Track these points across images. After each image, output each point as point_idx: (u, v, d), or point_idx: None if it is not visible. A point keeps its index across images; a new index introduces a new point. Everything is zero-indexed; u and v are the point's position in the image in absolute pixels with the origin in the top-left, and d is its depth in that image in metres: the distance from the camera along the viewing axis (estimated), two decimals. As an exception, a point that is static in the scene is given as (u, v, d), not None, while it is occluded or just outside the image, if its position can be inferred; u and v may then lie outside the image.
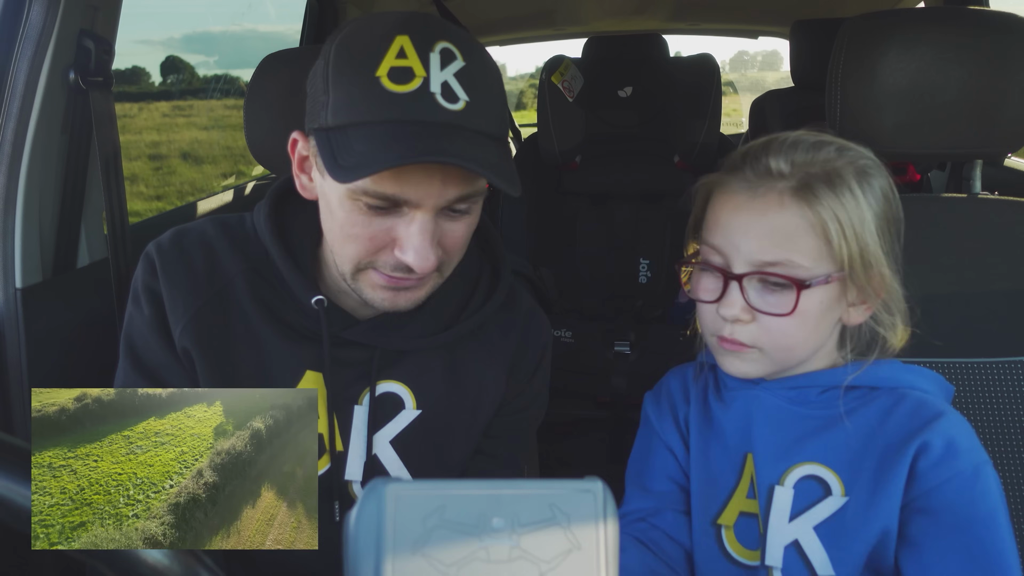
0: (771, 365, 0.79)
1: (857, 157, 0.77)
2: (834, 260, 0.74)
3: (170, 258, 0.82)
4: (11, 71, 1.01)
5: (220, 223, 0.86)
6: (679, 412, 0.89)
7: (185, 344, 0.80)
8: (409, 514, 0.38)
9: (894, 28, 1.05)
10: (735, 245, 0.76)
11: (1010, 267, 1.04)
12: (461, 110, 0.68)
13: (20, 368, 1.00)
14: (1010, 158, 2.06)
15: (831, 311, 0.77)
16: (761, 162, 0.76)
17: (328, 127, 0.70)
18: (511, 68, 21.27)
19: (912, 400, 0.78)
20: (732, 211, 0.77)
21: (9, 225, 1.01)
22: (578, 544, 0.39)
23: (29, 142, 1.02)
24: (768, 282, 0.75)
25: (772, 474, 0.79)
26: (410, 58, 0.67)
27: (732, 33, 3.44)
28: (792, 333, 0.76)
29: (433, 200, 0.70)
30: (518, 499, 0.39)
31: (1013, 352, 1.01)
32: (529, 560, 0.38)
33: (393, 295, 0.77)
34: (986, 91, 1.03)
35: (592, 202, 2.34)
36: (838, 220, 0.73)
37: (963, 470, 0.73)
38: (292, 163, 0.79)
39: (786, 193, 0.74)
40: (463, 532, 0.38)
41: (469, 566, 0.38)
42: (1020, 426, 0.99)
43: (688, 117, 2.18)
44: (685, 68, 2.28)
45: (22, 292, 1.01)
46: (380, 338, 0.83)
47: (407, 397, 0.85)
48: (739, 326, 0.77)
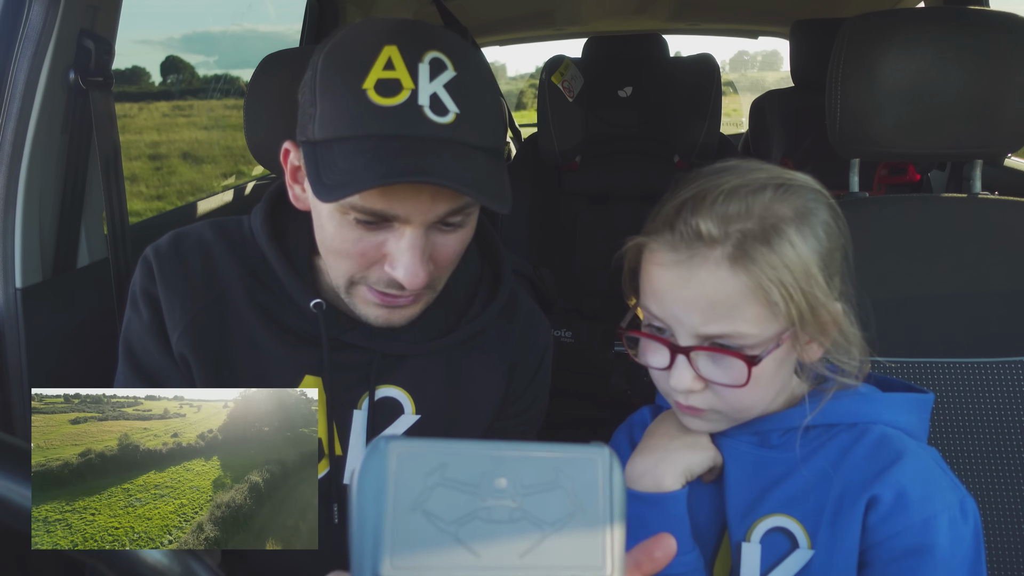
0: (730, 423, 0.77)
1: (796, 196, 0.71)
2: (781, 320, 0.69)
3: (168, 263, 0.81)
4: (11, 71, 1.01)
5: (218, 227, 0.85)
6: None
7: (182, 350, 0.80)
8: (410, 472, 0.37)
9: (894, 28, 1.05)
10: (677, 318, 0.71)
11: (1010, 267, 1.04)
12: (451, 123, 0.66)
13: (20, 368, 1.00)
14: (1010, 158, 2.06)
15: (785, 364, 0.74)
16: (690, 225, 0.69)
17: (315, 140, 0.69)
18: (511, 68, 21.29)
19: (872, 438, 0.75)
20: (668, 284, 0.71)
21: (9, 225, 1.01)
22: (582, 507, 0.38)
23: (29, 142, 1.02)
24: (717, 352, 0.71)
25: (739, 530, 0.77)
26: (398, 69, 0.65)
27: (732, 33, 3.44)
28: (750, 395, 0.72)
29: (422, 216, 0.69)
30: (522, 461, 0.38)
31: (1013, 352, 1.01)
32: (531, 521, 0.37)
33: (387, 313, 0.76)
34: (986, 91, 1.03)
35: (592, 202, 2.34)
36: (781, 283, 0.67)
37: (910, 525, 0.70)
38: (285, 173, 0.78)
39: (722, 263, 0.68)
40: (465, 491, 0.37)
41: (469, 525, 0.37)
42: (1020, 426, 0.99)
43: (688, 117, 2.18)
44: (685, 68, 2.27)
45: (22, 292, 1.01)
46: (380, 342, 0.82)
47: (406, 402, 0.85)
48: (693, 394, 0.73)
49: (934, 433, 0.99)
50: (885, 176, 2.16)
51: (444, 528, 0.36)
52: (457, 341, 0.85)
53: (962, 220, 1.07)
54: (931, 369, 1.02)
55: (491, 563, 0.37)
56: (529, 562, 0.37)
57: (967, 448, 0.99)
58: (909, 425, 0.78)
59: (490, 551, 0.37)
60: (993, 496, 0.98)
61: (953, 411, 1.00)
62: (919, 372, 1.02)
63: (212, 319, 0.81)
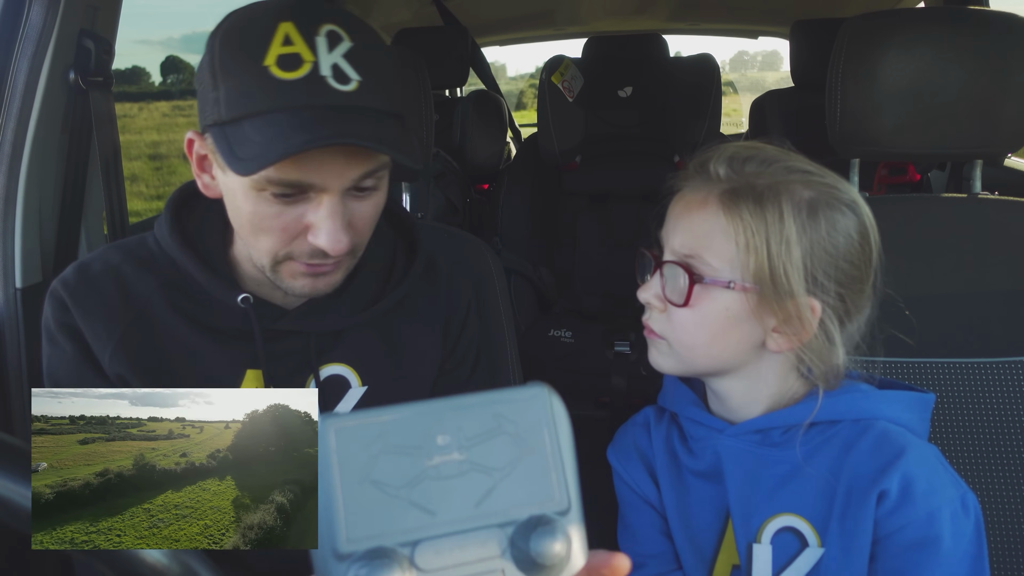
0: (680, 363, 0.79)
1: (823, 185, 0.75)
2: (742, 269, 0.74)
3: (79, 292, 0.80)
4: (11, 71, 1.01)
5: (120, 248, 0.85)
6: (647, 455, 0.87)
7: (117, 370, 0.79)
8: (352, 445, 0.37)
9: (894, 28, 1.05)
10: (667, 236, 0.79)
11: (1010, 267, 1.04)
12: (355, 90, 0.68)
13: (20, 368, 1.00)
14: (1010, 158, 2.06)
15: (739, 325, 0.75)
16: (707, 165, 0.78)
17: (223, 121, 0.70)
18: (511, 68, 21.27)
19: (874, 433, 0.76)
20: (673, 205, 0.80)
21: (9, 225, 1.01)
22: (529, 449, 0.38)
23: (29, 142, 1.02)
24: (682, 277, 0.76)
25: (748, 531, 0.78)
26: (296, 44, 0.67)
27: (732, 33, 3.44)
28: (692, 330, 0.76)
29: (338, 182, 0.70)
30: (461, 413, 0.38)
31: (1013, 352, 1.01)
32: (481, 471, 0.38)
33: (312, 281, 0.77)
34: (986, 91, 1.03)
35: (592, 202, 2.34)
36: (751, 230, 0.73)
37: (915, 518, 0.72)
38: (192, 165, 0.79)
39: (712, 195, 0.76)
40: (409, 454, 0.37)
41: (419, 486, 0.37)
42: (1020, 426, 0.99)
43: (688, 117, 2.18)
44: (685, 68, 2.27)
45: (22, 292, 1.01)
46: (312, 323, 0.83)
47: (351, 376, 0.85)
48: (654, 314, 0.79)
49: (934, 433, 0.99)
50: (885, 176, 2.16)
51: (395, 494, 0.36)
52: (386, 308, 0.86)
53: (962, 220, 1.07)
54: (931, 369, 1.02)
55: (448, 518, 0.37)
56: (486, 510, 0.37)
57: (967, 448, 0.99)
58: (910, 422, 0.78)
59: (444, 507, 0.37)
60: (993, 496, 0.98)
61: (953, 411, 1.00)
62: (919, 372, 1.02)
63: (140, 336, 0.80)
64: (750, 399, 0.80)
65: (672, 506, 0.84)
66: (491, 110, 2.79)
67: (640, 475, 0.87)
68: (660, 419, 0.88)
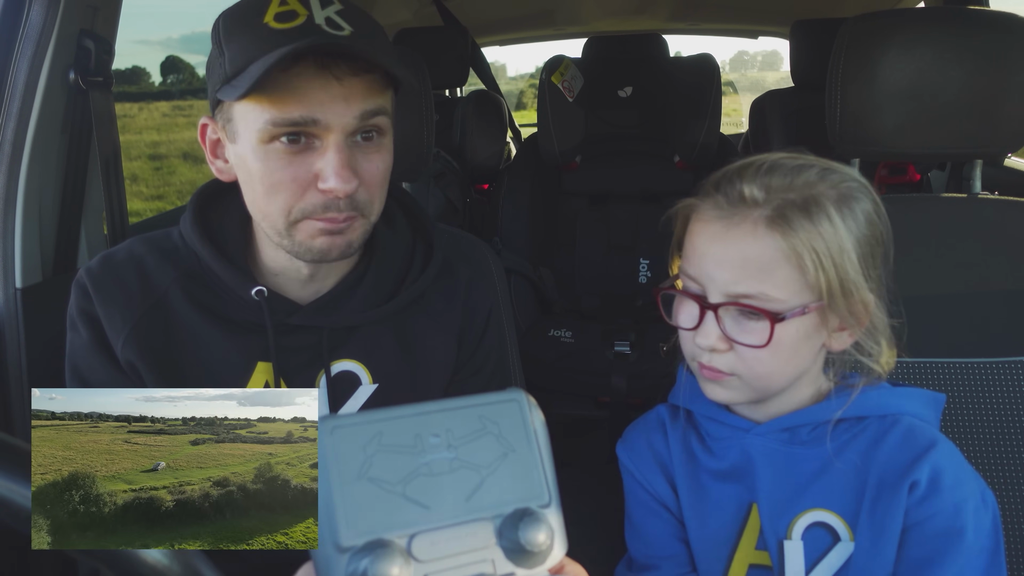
0: (750, 392, 0.77)
1: (840, 180, 0.75)
2: (811, 290, 0.72)
3: (101, 280, 0.83)
4: (11, 71, 1.01)
5: (146, 240, 0.87)
6: (662, 456, 0.87)
7: (129, 357, 0.81)
8: (349, 445, 0.40)
9: (894, 28, 1.05)
10: (709, 275, 0.74)
11: (1010, 267, 1.04)
12: (348, 35, 0.73)
13: (20, 368, 1.00)
14: (1010, 158, 2.06)
15: (810, 340, 0.75)
16: (735, 188, 0.73)
17: (227, 77, 0.74)
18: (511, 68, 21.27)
19: (901, 428, 0.77)
20: (707, 240, 0.74)
21: (9, 225, 1.01)
22: (512, 447, 0.42)
23: (29, 142, 1.02)
24: (744, 312, 0.73)
25: (779, 527, 0.77)
26: (291, 3, 0.73)
27: (732, 33, 3.44)
28: (768, 362, 0.74)
29: (340, 118, 0.73)
30: (449, 416, 0.42)
31: (1013, 352, 1.01)
32: (469, 468, 0.41)
33: (329, 240, 0.78)
34: (986, 91, 1.03)
35: (592, 202, 2.34)
36: (814, 250, 0.70)
37: (942, 509, 0.72)
38: (206, 152, 0.82)
39: (760, 222, 0.71)
40: (403, 452, 0.40)
41: (414, 481, 0.40)
42: (1020, 426, 0.99)
43: (688, 117, 2.18)
44: (685, 68, 2.27)
45: (22, 292, 1.01)
46: (325, 318, 0.84)
47: (362, 373, 0.86)
48: (716, 355, 0.75)
49: (934, 433, 0.99)
50: (885, 176, 2.16)
51: (391, 489, 0.39)
52: (401, 306, 0.87)
53: (962, 220, 1.07)
54: (932, 369, 1.02)
55: (441, 512, 0.40)
56: (475, 504, 0.41)
57: (968, 448, 0.99)
58: (929, 419, 0.80)
59: (437, 501, 0.40)
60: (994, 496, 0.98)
61: (953, 411, 1.00)
62: (920, 372, 1.02)
63: (155, 324, 0.82)
64: (790, 401, 0.80)
65: (689, 507, 0.83)
66: (491, 110, 2.79)
67: (655, 476, 0.86)
68: (676, 419, 0.87)
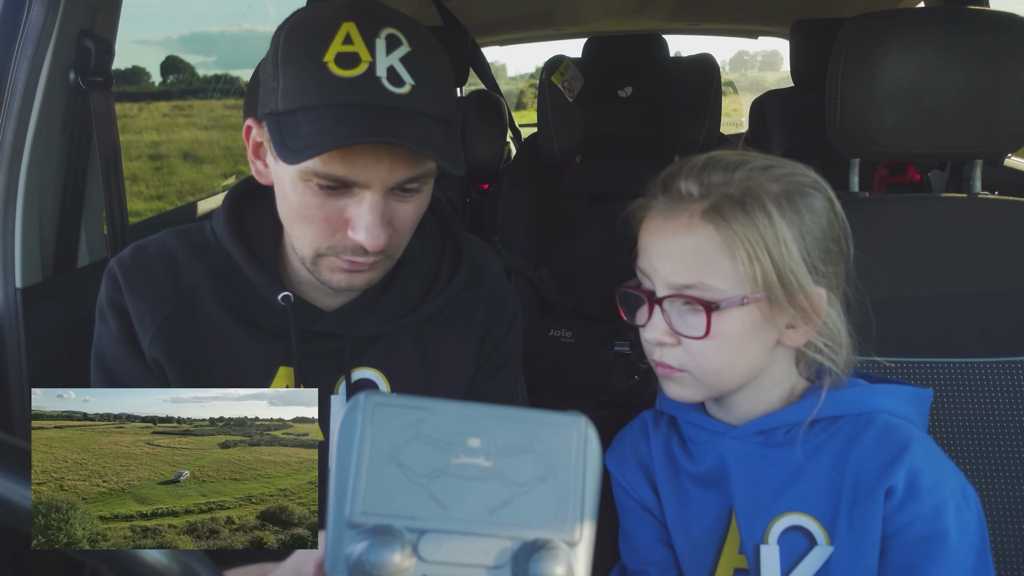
0: (704, 389, 0.77)
1: (785, 175, 0.75)
2: (748, 281, 0.72)
3: (133, 273, 0.83)
4: (11, 71, 1.01)
5: (179, 234, 0.87)
6: (645, 461, 0.87)
7: (155, 354, 0.81)
8: (387, 425, 0.38)
9: (894, 28, 1.05)
10: (654, 268, 0.76)
11: (1010, 267, 1.04)
12: (407, 93, 0.70)
13: (20, 368, 1.00)
14: (1010, 158, 2.06)
15: (758, 335, 0.75)
16: (674, 185, 0.75)
17: (278, 111, 0.72)
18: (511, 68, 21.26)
19: (876, 427, 0.76)
20: (650, 235, 0.77)
21: (9, 225, 1.01)
22: (554, 473, 0.39)
23: (29, 142, 1.02)
24: (687, 304, 0.74)
25: (756, 532, 0.77)
26: (356, 44, 0.69)
27: (732, 33, 3.44)
28: (715, 356, 0.74)
29: (381, 181, 0.72)
30: (498, 423, 0.39)
31: (1013, 352, 1.01)
32: (501, 481, 0.38)
33: (349, 277, 0.78)
34: (986, 91, 1.03)
35: (592, 202, 2.34)
36: (748, 240, 0.71)
37: (922, 513, 0.72)
38: (248, 150, 0.81)
39: (696, 215, 0.73)
40: (438, 447, 0.38)
41: (440, 479, 0.38)
42: (1020, 426, 0.99)
43: (688, 117, 2.18)
44: (685, 68, 2.27)
45: (22, 292, 1.01)
46: (348, 326, 0.84)
47: (381, 382, 0.86)
48: (666, 350, 0.76)
49: (934, 433, 0.99)
50: (885, 176, 2.16)
51: (416, 480, 0.38)
52: (426, 316, 0.86)
53: (962, 220, 1.07)
54: (931, 369, 1.02)
55: (459, 516, 0.38)
56: (497, 519, 0.38)
57: (967, 448, 0.99)
58: (910, 416, 0.79)
59: (458, 505, 0.38)
60: (993, 496, 0.98)
61: (953, 411, 1.00)
62: (919, 372, 1.02)
63: (182, 321, 0.82)
64: (757, 401, 0.79)
65: (672, 512, 0.83)
66: (491, 110, 2.79)
67: (638, 482, 0.87)
68: (658, 424, 0.88)
